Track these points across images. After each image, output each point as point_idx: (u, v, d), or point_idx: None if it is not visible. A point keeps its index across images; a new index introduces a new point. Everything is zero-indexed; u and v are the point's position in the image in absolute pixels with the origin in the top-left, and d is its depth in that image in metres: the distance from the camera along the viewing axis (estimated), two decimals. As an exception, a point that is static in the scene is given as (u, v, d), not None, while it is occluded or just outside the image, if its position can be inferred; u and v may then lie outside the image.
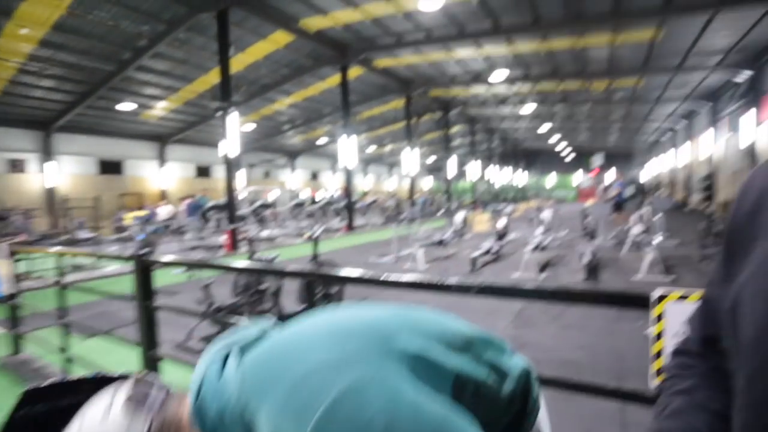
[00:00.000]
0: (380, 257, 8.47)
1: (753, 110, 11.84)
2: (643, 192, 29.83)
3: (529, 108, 20.55)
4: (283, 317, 3.94)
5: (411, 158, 17.81)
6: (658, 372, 1.36)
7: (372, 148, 29.72)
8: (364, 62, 13.14)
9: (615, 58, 12.75)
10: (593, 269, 6.26)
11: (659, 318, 1.39)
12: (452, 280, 1.08)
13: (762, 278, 0.38)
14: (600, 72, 14.09)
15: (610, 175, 35.76)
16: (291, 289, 4.66)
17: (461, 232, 10.40)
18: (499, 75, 14.20)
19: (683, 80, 14.96)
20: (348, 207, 14.74)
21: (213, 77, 11.84)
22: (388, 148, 30.11)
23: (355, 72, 13.68)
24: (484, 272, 6.99)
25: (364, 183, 34.28)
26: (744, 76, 11.88)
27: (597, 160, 35.89)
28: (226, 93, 9.61)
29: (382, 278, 1.26)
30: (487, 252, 7.68)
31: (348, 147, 13.83)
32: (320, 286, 4.10)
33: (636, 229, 7.85)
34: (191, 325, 3.85)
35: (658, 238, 6.97)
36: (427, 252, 8.09)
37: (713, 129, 16.23)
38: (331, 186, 31.75)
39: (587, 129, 28.20)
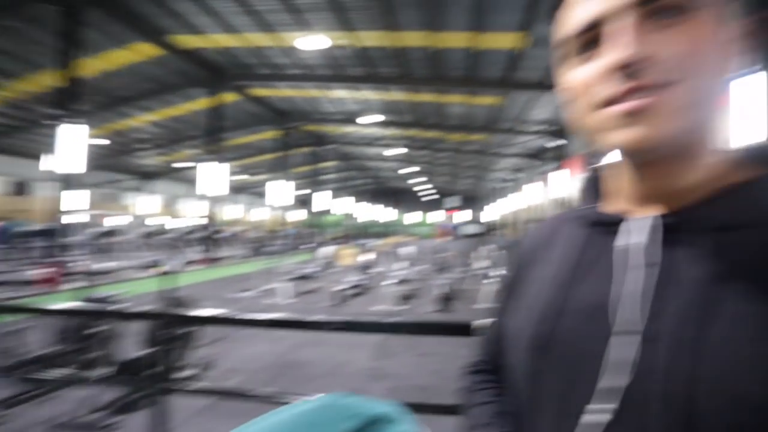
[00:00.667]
0: (241, 292, 8.02)
1: (560, 170, 15.08)
2: (487, 231, 34.34)
3: (397, 151, 22.32)
4: (124, 364, 3.41)
5: (283, 190, 17.55)
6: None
7: (243, 177, 28.42)
8: (239, 89, 12.77)
9: (468, 116, 14.86)
10: (446, 300, 6.95)
11: None
12: (310, 318, 1.14)
13: (524, 315, 0.52)
14: (457, 126, 16.21)
15: (462, 216, 40.45)
16: (135, 330, 4.10)
17: (328, 265, 10.53)
18: (371, 118, 15.23)
19: (517, 140, 18.17)
20: (209, 237, 13.68)
21: (50, 79, 10.11)
22: (260, 177, 29.19)
23: (229, 97, 13.18)
24: (350, 305, 7.15)
25: (233, 212, 32.31)
26: (556, 143, 15.03)
27: (453, 201, 40.40)
28: (65, 99, 8.22)
29: (238, 317, 1.25)
30: (353, 286, 7.92)
31: (213, 173, 13.02)
32: (170, 327, 3.70)
33: (480, 264, 9.02)
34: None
35: (496, 272, 8.12)
36: (294, 285, 7.97)
37: (536, 182, 19.90)
38: (194, 214, 29.16)
39: (446, 173, 31.73)
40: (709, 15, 0.39)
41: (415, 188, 40.82)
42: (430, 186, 39.73)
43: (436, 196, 43.78)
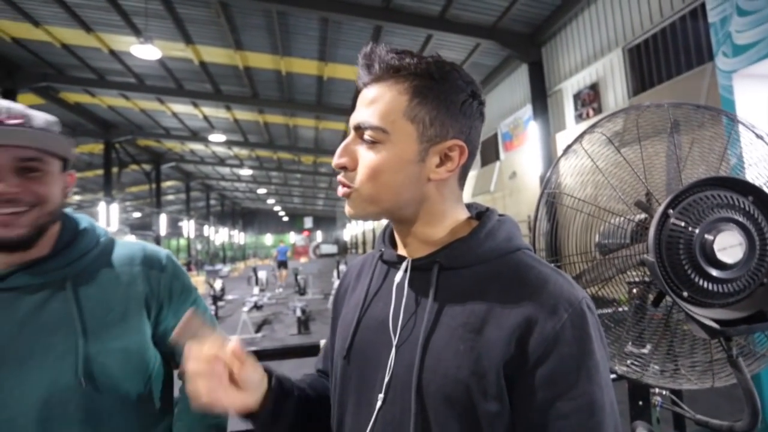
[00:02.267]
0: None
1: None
2: (344, 251, 35.26)
3: (246, 171, 21.41)
4: None
5: (108, 213, 15.04)
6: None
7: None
8: (44, 91, 10.62)
9: (319, 139, 15.25)
10: (304, 322, 6.94)
11: None
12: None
13: (338, 332, 0.70)
14: (308, 149, 16.44)
15: (318, 237, 40.71)
16: None
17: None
18: (217, 137, 14.34)
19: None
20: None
21: None
22: (76, 198, 24.37)
23: (28, 100, 10.81)
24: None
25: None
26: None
27: (307, 222, 40.41)
28: None
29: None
30: (202, 316, 7.27)
31: None
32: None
33: (337, 283, 9.25)
34: None
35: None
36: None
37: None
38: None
39: (299, 195, 31.65)
40: (397, 145, 0.57)
41: (272, 209, 39.54)
42: (282, 206, 38.98)
43: (291, 217, 43.14)
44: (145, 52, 7.29)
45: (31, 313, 0.71)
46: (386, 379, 0.57)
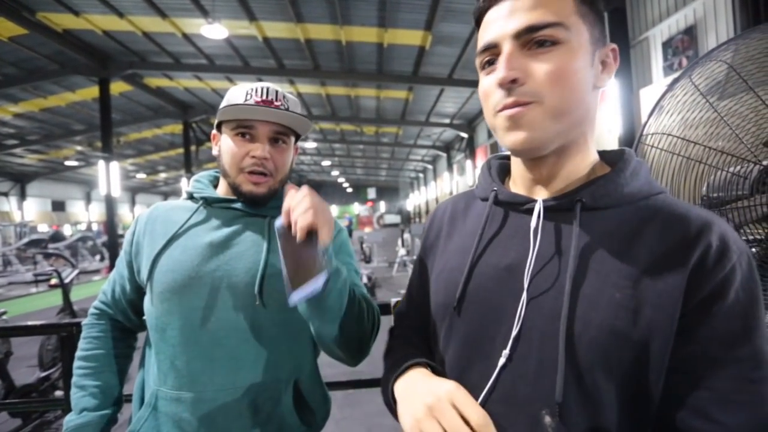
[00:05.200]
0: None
1: (471, 160, 16.05)
2: (408, 221, 35.50)
3: (310, 144, 21.98)
4: (16, 391, 3.04)
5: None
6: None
7: (142, 176, 25.85)
8: (131, 78, 11.57)
9: (381, 109, 15.15)
10: (371, 289, 7.17)
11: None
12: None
13: (439, 280, 0.63)
14: (370, 119, 16.42)
15: (381, 206, 41.24)
16: (27, 355, 3.67)
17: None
18: (283, 111, 14.76)
19: (428, 133, 18.96)
20: (110, 244, 12.36)
21: None
22: (162, 176, 26.82)
23: (119, 87, 11.87)
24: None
25: (130, 215, 29.31)
26: (463, 135, 15.99)
27: (371, 193, 40.98)
28: None
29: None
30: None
31: (109, 172, 11.72)
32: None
33: (401, 251, 9.38)
34: None
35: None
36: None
37: (449, 171, 21.00)
38: (85, 218, 25.91)
39: (362, 166, 32.02)
40: (576, 45, 0.51)
41: (336, 180, 40.61)
42: (346, 178, 39.79)
43: (354, 188, 44.01)
44: (214, 32, 7.60)
45: (241, 228, 0.93)
46: (514, 332, 0.52)
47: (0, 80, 10.67)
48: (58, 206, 25.21)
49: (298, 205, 0.68)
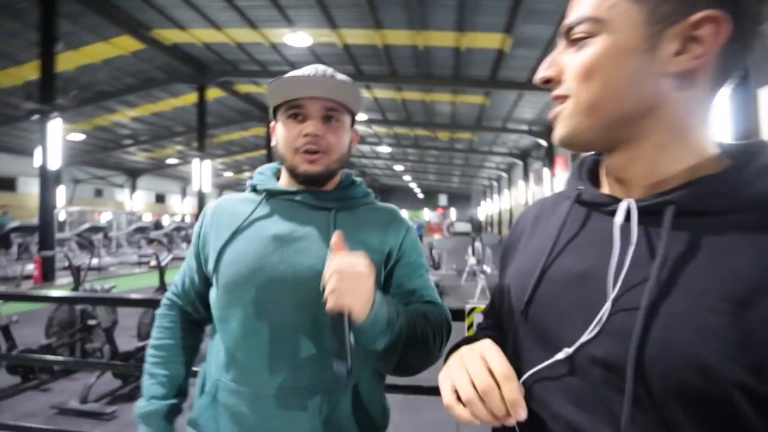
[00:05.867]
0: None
1: (549, 168, 15.17)
2: (479, 229, 34.58)
3: (384, 149, 22.35)
4: (119, 356, 3.44)
5: (272, 187, 17.46)
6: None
7: (228, 174, 28.18)
8: (224, 85, 12.67)
9: (456, 114, 14.95)
10: (439, 295, 7.06)
11: (470, 327, 1.74)
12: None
13: (512, 280, 0.60)
14: (444, 124, 16.29)
15: (452, 213, 40.66)
16: (129, 325, 4.13)
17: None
18: (359, 116, 15.21)
19: (504, 139, 18.32)
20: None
21: (28, 72, 9.92)
22: (246, 174, 28.92)
23: (213, 93, 13.07)
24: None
25: (219, 209, 32.00)
26: (542, 141, 15.18)
27: (442, 199, 40.58)
28: (47, 94, 8.12)
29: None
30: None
31: (202, 170, 12.92)
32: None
33: (471, 260, 9.13)
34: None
35: (488, 268, 8.23)
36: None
37: (525, 180, 20.08)
38: (180, 210, 28.81)
39: (434, 171, 31.85)
40: (616, 33, 0.45)
41: (408, 185, 40.92)
42: (418, 183, 39.83)
43: (426, 194, 43.91)
44: (297, 40, 8.05)
45: (305, 221, 0.90)
46: (575, 345, 0.45)
47: (122, 89, 12.33)
48: (160, 199, 28.47)
49: (327, 283, 0.66)
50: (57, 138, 8.22)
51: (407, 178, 35.94)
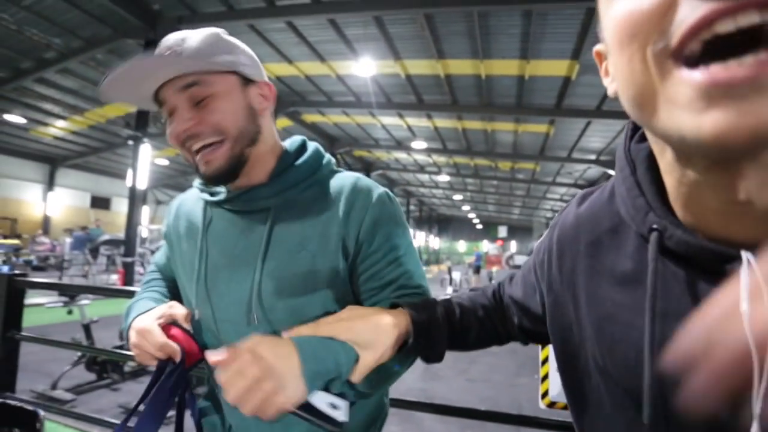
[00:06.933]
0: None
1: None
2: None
3: (443, 178, 22.26)
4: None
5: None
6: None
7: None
8: (293, 115, 13.45)
9: (518, 144, 14.61)
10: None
11: (545, 361, 1.59)
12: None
13: (597, 343, 0.46)
14: (505, 154, 15.95)
15: (512, 246, 39.19)
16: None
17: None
18: (418, 144, 15.38)
19: (570, 170, 17.51)
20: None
21: (129, 106, 11.22)
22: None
23: (283, 123, 13.91)
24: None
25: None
26: (613, 172, 14.28)
27: (501, 231, 39.31)
28: (141, 122, 9.16)
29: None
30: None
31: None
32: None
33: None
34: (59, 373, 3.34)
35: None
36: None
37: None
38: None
39: (494, 202, 31.08)
40: None
41: (467, 216, 40.28)
42: (477, 214, 39.04)
43: (485, 225, 42.86)
44: (362, 71, 8.39)
45: (242, 234, 0.76)
46: None
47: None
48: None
49: (243, 406, 0.55)
50: (146, 161, 9.16)
51: (466, 208, 35.39)
